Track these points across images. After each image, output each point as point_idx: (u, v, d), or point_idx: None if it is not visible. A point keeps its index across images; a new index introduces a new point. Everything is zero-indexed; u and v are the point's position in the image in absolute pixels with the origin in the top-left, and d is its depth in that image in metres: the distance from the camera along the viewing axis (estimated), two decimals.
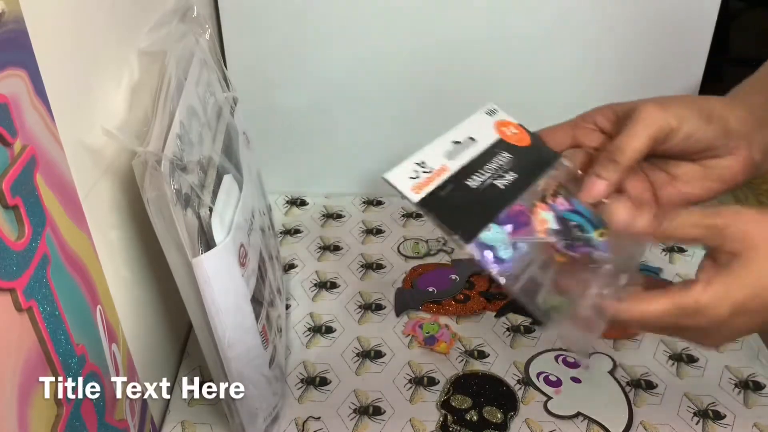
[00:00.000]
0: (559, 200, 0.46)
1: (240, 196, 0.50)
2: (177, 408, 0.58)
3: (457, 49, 0.74)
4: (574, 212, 0.45)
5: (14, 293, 0.30)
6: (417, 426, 0.56)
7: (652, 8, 0.71)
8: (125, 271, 0.51)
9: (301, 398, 0.59)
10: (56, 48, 0.40)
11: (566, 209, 0.45)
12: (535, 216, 0.44)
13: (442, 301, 0.68)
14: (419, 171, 0.45)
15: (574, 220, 0.45)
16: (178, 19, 0.55)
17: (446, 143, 0.46)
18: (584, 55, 0.74)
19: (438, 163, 0.45)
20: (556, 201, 0.45)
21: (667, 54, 0.74)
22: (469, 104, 0.71)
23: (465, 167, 0.45)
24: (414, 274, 0.72)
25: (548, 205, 0.45)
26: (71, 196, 0.38)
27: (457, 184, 0.44)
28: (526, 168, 0.46)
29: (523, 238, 0.43)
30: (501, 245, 0.42)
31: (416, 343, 0.64)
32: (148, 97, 0.50)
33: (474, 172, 0.45)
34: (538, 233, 0.44)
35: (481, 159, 0.46)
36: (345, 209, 0.83)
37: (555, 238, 0.44)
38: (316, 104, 0.78)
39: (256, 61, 0.75)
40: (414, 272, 0.72)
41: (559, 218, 0.44)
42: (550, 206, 0.45)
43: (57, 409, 0.34)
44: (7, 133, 0.30)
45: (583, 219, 0.45)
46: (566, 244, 0.44)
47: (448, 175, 0.44)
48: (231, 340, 0.47)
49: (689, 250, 0.75)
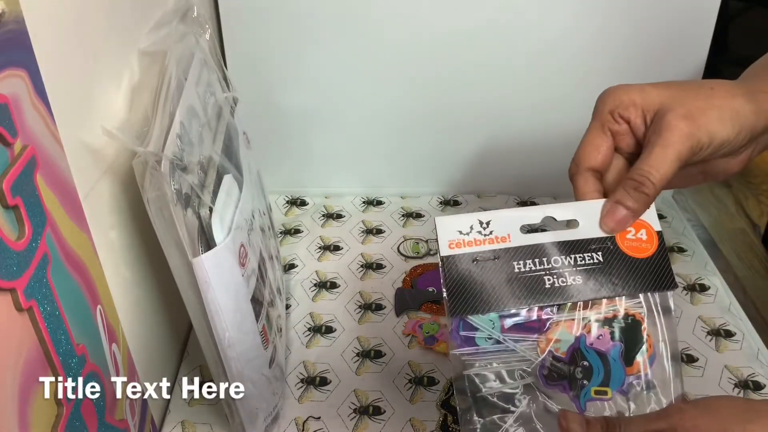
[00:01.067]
0: (599, 333, 0.39)
1: (240, 196, 0.50)
2: (177, 408, 0.58)
3: (458, 49, 0.74)
4: (600, 356, 0.39)
5: (14, 293, 0.31)
6: (417, 426, 0.56)
7: (652, 8, 0.71)
8: (125, 271, 0.51)
9: (301, 398, 0.59)
10: (56, 48, 0.40)
11: (595, 347, 0.39)
12: (552, 330, 0.39)
13: (441, 301, 0.68)
14: (476, 229, 0.39)
15: (591, 362, 0.39)
16: (178, 19, 0.55)
17: (537, 214, 0.40)
18: (584, 56, 0.74)
19: (505, 231, 0.39)
20: (592, 331, 0.39)
21: (667, 54, 0.74)
22: (469, 104, 0.71)
23: (531, 247, 0.39)
24: (414, 273, 0.72)
25: (580, 329, 0.39)
26: (71, 196, 0.38)
27: (502, 260, 0.38)
28: (604, 280, 0.39)
29: (512, 336, 0.38)
30: (484, 332, 0.38)
31: (416, 343, 0.64)
32: (148, 98, 0.50)
33: (536, 257, 0.39)
34: (535, 342, 0.38)
35: (561, 247, 0.39)
36: (345, 209, 0.83)
37: (546, 360, 0.38)
38: (316, 104, 0.78)
39: (256, 61, 0.75)
40: (414, 272, 0.72)
41: (575, 350, 0.39)
42: (580, 332, 0.39)
43: (57, 409, 0.34)
44: (7, 133, 0.30)
45: (602, 367, 0.39)
46: (549, 372, 0.39)
47: (504, 246, 0.39)
48: (231, 340, 0.47)
49: (689, 249, 0.75)
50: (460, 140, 0.80)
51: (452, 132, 0.80)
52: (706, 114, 0.42)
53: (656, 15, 0.72)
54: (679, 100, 0.43)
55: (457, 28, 0.73)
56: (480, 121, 0.79)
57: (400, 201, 0.85)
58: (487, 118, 0.78)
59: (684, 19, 0.72)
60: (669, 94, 0.43)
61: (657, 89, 0.44)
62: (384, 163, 0.83)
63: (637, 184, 0.41)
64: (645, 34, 0.73)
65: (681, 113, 0.42)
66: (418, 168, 0.83)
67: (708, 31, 0.72)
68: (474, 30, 0.73)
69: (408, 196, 0.85)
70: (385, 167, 0.84)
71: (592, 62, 0.75)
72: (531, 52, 0.74)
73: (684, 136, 0.41)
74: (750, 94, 0.44)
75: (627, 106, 0.44)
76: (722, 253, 1.65)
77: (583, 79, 0.75)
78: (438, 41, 0.73)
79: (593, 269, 0.39)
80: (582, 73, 0.75)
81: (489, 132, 0.80)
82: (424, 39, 0.73)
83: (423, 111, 0.78)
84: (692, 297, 0.69)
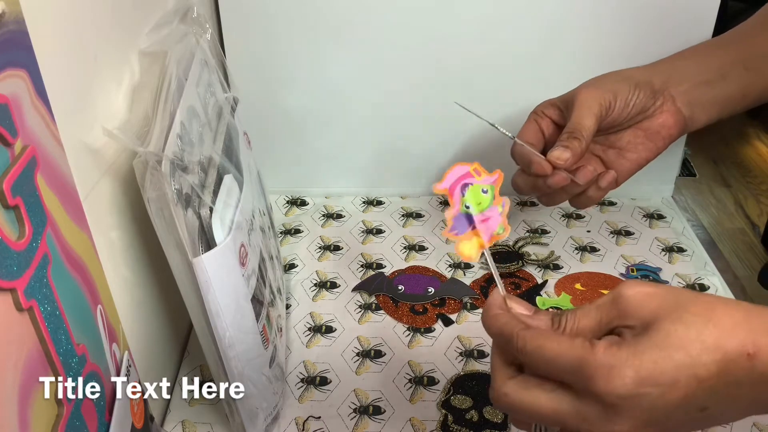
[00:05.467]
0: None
1: (240, 196, 0.50)
2: (177, 408, 0.58)
3: (458, 50, 0.74)
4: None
5: (15, 293, 0.30)
6: (417, 426, 0.56)
7: (652, 8, 0.71)
8: (126, 270, 0.51)
9: (301, 398, 0.59)
10: (57, 48, 0.40)
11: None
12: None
13: (399, 303, 0.68)
14: None
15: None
16: (178, 19, 0.55)
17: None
18: (583, 57, 0.74)
19: None
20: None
21: (666, 54, 0.74)
22: (469, 104, 0.71)
23: None
24: (405, 270, 0.73)
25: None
26: (72, 196, 0.38)
27: None
28: None
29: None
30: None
31: (447, 218, 0.41)
32: (148, 98, 0.50)
33: None
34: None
35: None
36: (345, 209, 0.83)
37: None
38: (316, 104, 0.78)
39: (256, 61, 0.75)
40: (407, 269, 0.73)
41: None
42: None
43: (57, 408, 0.34)
44: (7, 133, 0.30)
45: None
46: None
47: None
48: (231, 340, 0.47)
49: (689, 249, 0.75)
50: (460, 140, 0.80)
51: (452, 132, 0.80)
52: (605, 78, 0.58)
53: (656, 16, 0.72)
54: (585, 84, 0.58)
55: (457, 28, 0.73)
56: (480, 121, 0.79)
57: (400, 201, 0.85)
58: (487, 118, 0.78)
59: (684, 19, 0.72)
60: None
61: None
62: (384, 163, 0.83)
63: (569, 133, 0.55)
64: (645, 35, 0.73)
65: (586, 84, 0.58)
66: (418, 168, 0.83)
67: (708, 31, 0.72)
68: (474, 30, 0.73)
69: (408, 196, 0.85)
70: (385, 167, 0.84)
71: (590, 65, 0.74)
72: (532, 53, 0.74)
73: (591, 96, 0.56)
74: (645, 66, 0.60)
75: (547, 105, 0.60)
76: (722, 253, 1.65)
77: (583, 80, 0.75)
78: (438, 41, 0.74)
79: None
80: (580, 77, 0.75)
81: (489, 132, 0.80)
82: (425, 39, 0.73)
83: (423, 111, 0.78)
84: None
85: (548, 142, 0.60)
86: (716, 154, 2.16)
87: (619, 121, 0.58)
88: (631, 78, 0.57)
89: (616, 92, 0.56)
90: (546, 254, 0.75)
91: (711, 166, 2.09)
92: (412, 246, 0.77)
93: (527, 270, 0.73)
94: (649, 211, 0.82)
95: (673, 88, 0.58)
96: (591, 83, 0.58)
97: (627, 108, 0.57)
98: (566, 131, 0.56)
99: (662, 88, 0.58)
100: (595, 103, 0.55)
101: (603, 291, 0.69)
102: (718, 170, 2.08)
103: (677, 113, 0.58)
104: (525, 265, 0.73)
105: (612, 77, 0.58)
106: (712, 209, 1.89)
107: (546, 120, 0.60)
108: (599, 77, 0.59)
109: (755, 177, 2.10)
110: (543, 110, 0.60)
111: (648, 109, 0.58)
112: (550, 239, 0.77)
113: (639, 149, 0.59)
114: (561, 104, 0.59)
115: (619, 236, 0.78)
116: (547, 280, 0.71)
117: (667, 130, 0.58)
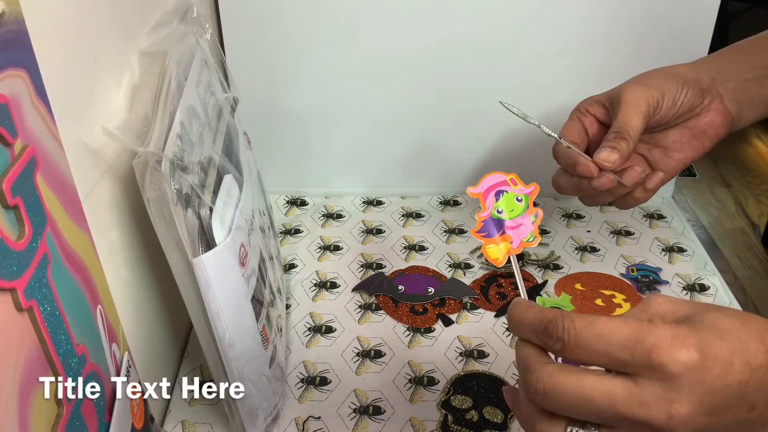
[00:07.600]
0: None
1: (240, 196, 0.50)
2: (177, 408, 0.58)
3: (458, 50, 0.74)
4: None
5: (14, 293, 0.30)
6: (417, 426, 0.56)
7: (652, 9, 0.71)
8: (126, 271, 0.51)
9: (301, 398, 0.59)
10: (57, 48, 0.40)
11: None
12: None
13: (399, 303, 0.68)
14: None
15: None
16: (178, 19, 0.55)
17: None
18: (583, 57, 0.74)
19: None
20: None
21: (667, 54, 0.73)
22: (469, 105, 0.71)
23: None
24: (405, 270, 0.73)
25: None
26: (72, 196, 0.38)
27: None
28: None
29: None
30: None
31: (477, 219, 0.42)
32: (148, 98, 0.50)
33: None
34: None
35: None
36: (345, 209, 0.83)
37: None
38: (316, 104, 0.78)
39: (256, 61, 0.75)
40: (407, 269, 0.73)
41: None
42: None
43: (57, 408, 0.34)
44: (7, 133, 0.30)
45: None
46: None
47: None
48: (231, 340, 0.47)
49: (689, 249, 0.75)
50: (460, 140, 0.80)
51: (452, 132, 0.80)
52: (652, 75, 0.55)
53: (656, 16, 0.72)
54: (631, 80, 0.55)
55: (457, 29, 0.73)
56: (480, 122, 0.79)
57: (400, 201, 0.85)
58: (488, 119, 0.78)
59: (684, 20, 0.72)
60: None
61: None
62: (384, 163, 0.83)
63: (616, 133, 0.52)
64: (645, 36, 0.73)
65: (632, 82, 0.55)
66: (418, 168, 0.83)
67: (708, 32, 0.72)
68: (474, 31, 0.73)
69: (408, 196, 0.85)
70: (385, 167, 0.84)
71: (593, 67, 0.75)
72: (532, 54, 0.74)
73: (639, 94, 0.53)
74: (691, 63, 0.57)
75: (591, 103, 0.57)
76: (722, 253, 1.65)
77: (583, 83, 0.75)
78: (439, 42, 0.74)
79: None
80: (582, 79, 0.75)
81: (490, 132, 0.80)
82: (425, 39, 0.73)
83: (423, 111, 0.78)
84: (692, 297, 0.69)
85: (592, 142, 0.57)
86: (716, 154, 2.16)
87: (665, 120, 0.55)
88: (679, 75, 0.55)
89: (664, 90, 0.53)
90: (546, 254, 0.75)
91: (711, 166, 2.09)
92: (412, 246, 0.77)
93: (527, 270, 0.73)
94: (649, 211, 0.82)
95: (721, 86, 0.55)
96: (638, 80, 0.55)
97: (675, 107, 0.54)
98: (613, 131, 0.53)
99: (710, 86, 0.55)
100: (643, 102, 0.53)
101: (603, 291, 0.69)
102: (718, 170, 2.08)
103: (725, 112, 0.55)
104: (525, 265, 0.73)
105: (659, 74, 0.55)
106: (712, 209, 1.89)
107: (590, 118, 0.57)
108: (645, 74, 0.55)
109: (755, 177, 2.09)
110: (587, 107, 0.57)
111: (695, 107, 0.55)
112: (551, 239, 0.77)
113: (685, 149, 0.57)
114: (606, 101, 0.56)
115: (619, 236, 0.78)
116: (547, 280, 0.71)
117: (715, 130, 0.56)
